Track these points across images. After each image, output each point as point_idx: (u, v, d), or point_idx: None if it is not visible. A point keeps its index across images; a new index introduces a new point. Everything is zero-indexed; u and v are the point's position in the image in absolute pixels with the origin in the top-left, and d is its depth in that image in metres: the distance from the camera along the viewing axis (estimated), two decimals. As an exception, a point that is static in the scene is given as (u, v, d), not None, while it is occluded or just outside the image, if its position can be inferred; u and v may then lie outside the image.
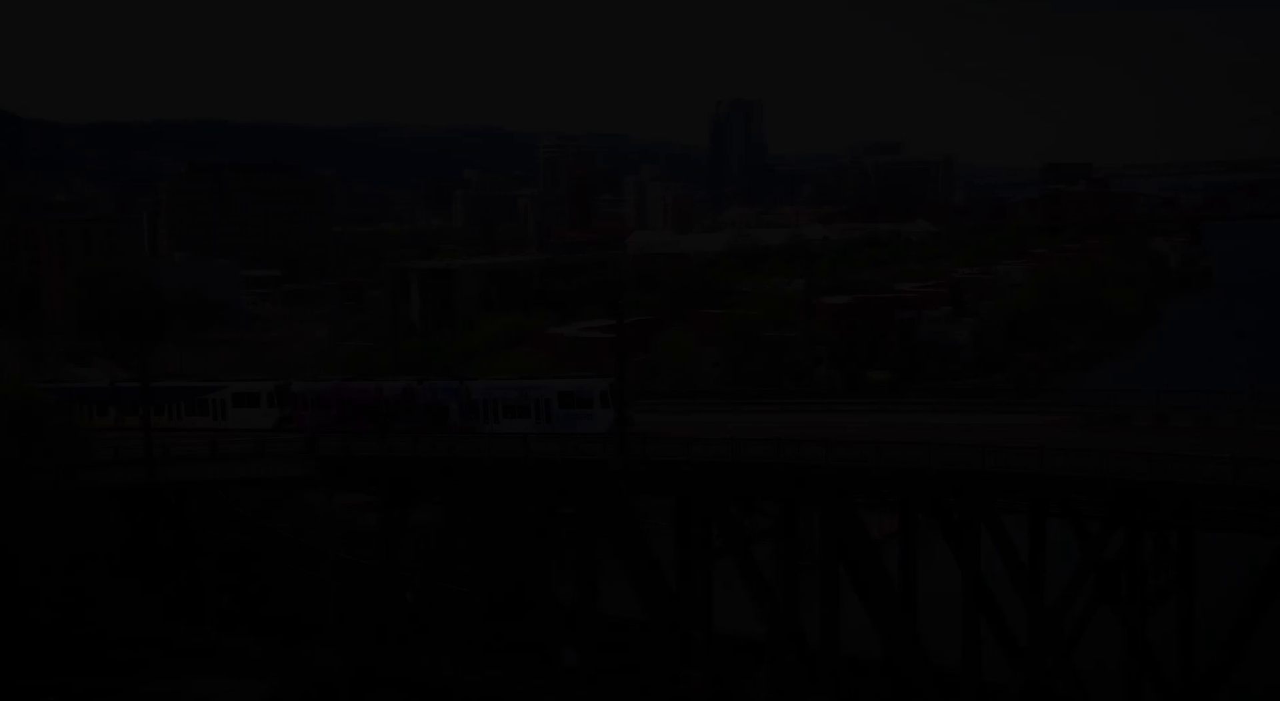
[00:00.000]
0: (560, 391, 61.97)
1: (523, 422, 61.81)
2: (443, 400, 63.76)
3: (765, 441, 52.98)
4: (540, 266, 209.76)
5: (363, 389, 67.13)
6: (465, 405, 63.25)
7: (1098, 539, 50.50)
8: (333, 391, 67.40)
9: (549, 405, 61.38)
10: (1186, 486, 44.65)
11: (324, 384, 69.11)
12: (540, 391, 62.02)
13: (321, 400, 67.16)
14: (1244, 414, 54.10)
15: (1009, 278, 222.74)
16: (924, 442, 49.21)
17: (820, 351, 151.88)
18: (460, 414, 63.19)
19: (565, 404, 61.37)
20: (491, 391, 63.46)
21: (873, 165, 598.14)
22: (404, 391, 65.32)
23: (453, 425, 63.26)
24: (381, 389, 66.46)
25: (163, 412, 69.39)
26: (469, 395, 63.31)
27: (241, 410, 68.60)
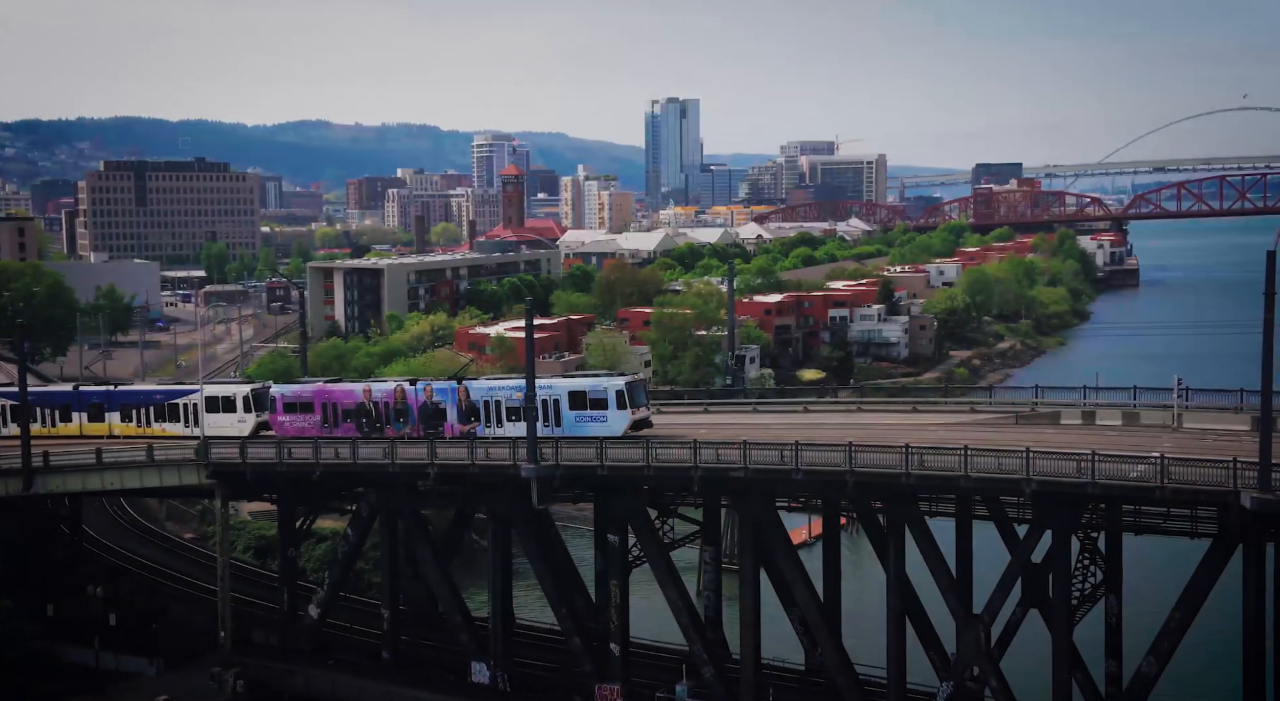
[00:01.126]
0: (571, 391, 56.14)
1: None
2: (438, 401, 58.94)
3: (682, 443, 50.52)
4: (469, 266, 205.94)
5: (348, 391, 62.10)
6: (463, 407, 58.33)
7: (1025, 542, 48.76)
8: (316, 394, 62.19)
9: (558, 407, 55.79)
10: (1114, 487, 42.97)
11: (306, 386, 64.05)
12: (549, 391, 56.24)
13: (303, 403, 61.99)
14: (1172, 412, 52.71)
15: (941, 276, 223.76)
16: (845, 444, 47.06)
17: (751, 350, 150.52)
18: (458, 416, 58.33)
19: (576, 405, 55.67)
20: (493, 392, 58.33)
21: (808, 165, 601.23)
22: (395, 393, 60.18)
23: (450, 428, 58.20)
24: (370, 390, 61.52)
25: (130, 418, 65.10)
26: (467, 396, 58.46)
27: (215, 415, 63.13)
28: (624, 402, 55.08)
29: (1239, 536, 42.76)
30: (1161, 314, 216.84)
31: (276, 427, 62.58)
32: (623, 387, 55.58)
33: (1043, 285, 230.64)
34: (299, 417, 61.89)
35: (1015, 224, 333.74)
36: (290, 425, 61.99)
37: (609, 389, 55.61)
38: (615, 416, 54.95)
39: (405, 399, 59.94)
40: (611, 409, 55.09)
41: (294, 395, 62.87)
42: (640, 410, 56.01)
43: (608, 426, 54.66)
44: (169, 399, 65.33)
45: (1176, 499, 42.96)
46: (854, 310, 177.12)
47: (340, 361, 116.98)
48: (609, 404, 55.22)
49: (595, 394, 55.69)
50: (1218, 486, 40.68)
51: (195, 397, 64.35)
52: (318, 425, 61.24)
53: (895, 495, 48.16)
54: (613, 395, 55.30)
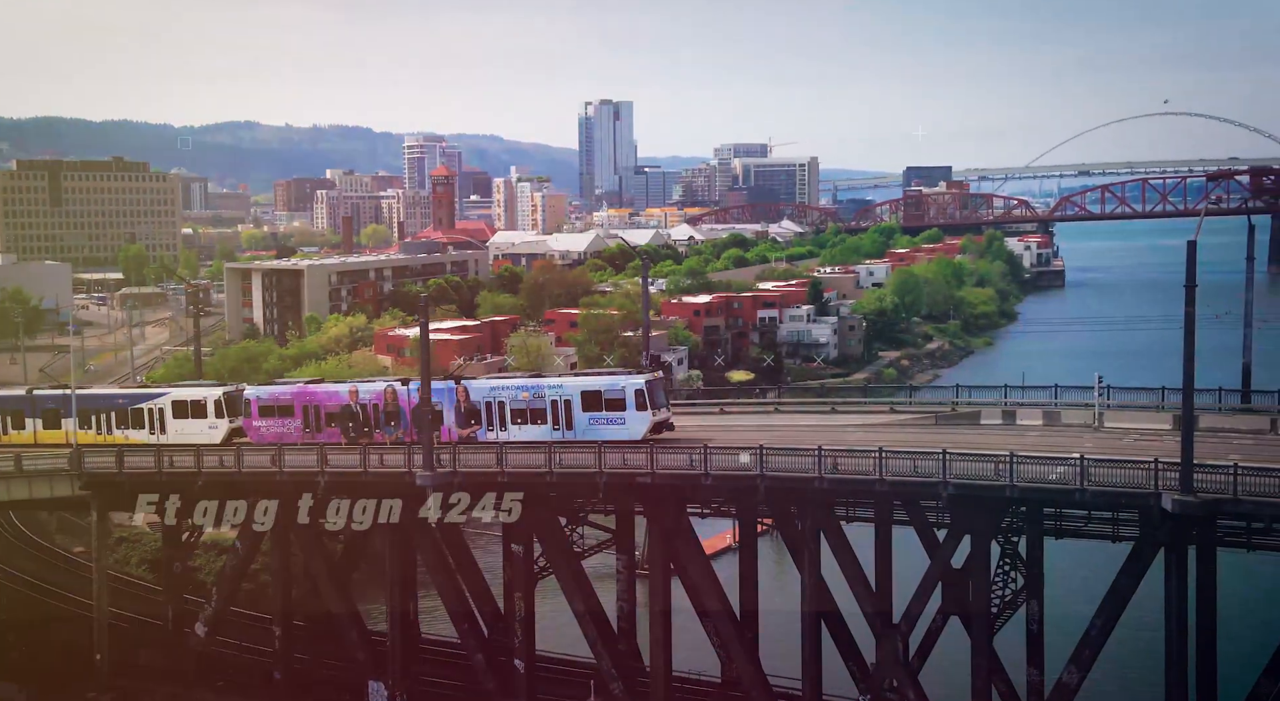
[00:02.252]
0: (584, 391, 52.00)
1: (536, 429, 52.50)
2: (434, 402, 53.83)
3: (588, 447, 47.90)
4: (393, 267, 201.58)
5: (332, 392, 57.81)
6: (462, 409, 54.11)
7: (943, 547, 46.83)
8: (296, 396, 57.96)
9: (569, 408, 51.89)
10: (1033, 490, 41.16)
11: (284, 387, 59.82)
12: (559, 391, 52.40)
13: (281, 407, 57.71)
14: (1093, 411, 51.18)
15: (871, 277, 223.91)
16: (756, 447, 44.77)
17: (680, 351, 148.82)
18: (457, 419, 54.08)
19: (591, 406, 51.71)
20: (496, 392, 53.93)
21: (741, 167, 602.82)
22: (384, 394, 55.90)
23: (446, 432, 53.86)
24: (358, 391, 57.13)
25: (89, 425, 60.41)
26: (467, 397, 54.23)
27: (183, 421, 59.27)
28: (643, 403, 51.00)
29: (1161, 540, 41.16)
30: (1087, 313, 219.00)
31: (252, 433, 58.07)
32: (642, 386, 51.33)
33: (971, 286, 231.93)
34: (277, 422, 57.34)
35: (944, 226, 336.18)
36: (267, 431, 57.43)
37: (627, 388, 51.44)
38: (634, 418, 50.85)
39: (396, 400, 55.43)
40: (630, 410, 51.00)
41: (271, 398, 58.28)
42: (661, 411, 52.02)
43: (626, 429, 50.72)
44: (133, 403, 60.77)
45: (1097, 501, 41.25)
46: (783, 311, 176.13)
47: (251, 365, 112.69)
48: (627, 404, 51.13)
49: (611, 393, 51.51)
50: (1138, 488, 39.04)
51: (162, 402, 59.92)
52: (298, 430, 56.63)
53: (809, 500, 45.93)
54: (631, 395, 51.10)
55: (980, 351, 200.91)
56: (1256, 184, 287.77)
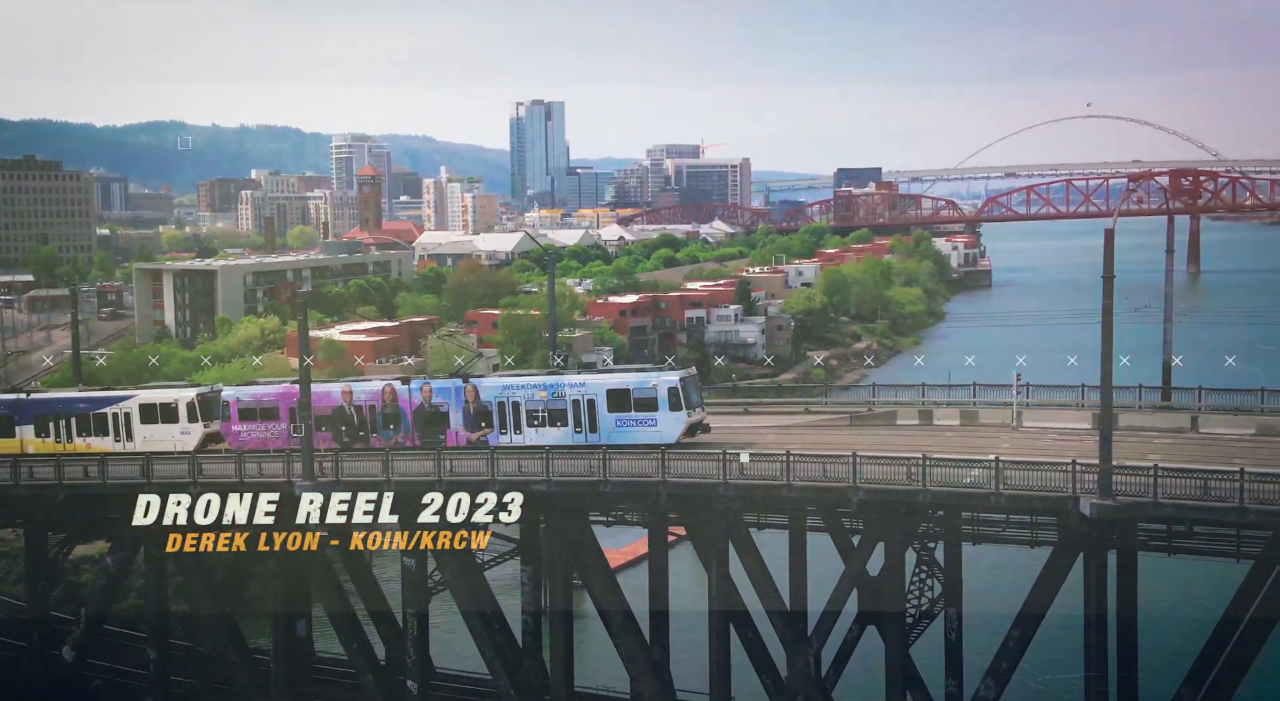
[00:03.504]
0: (610, 389, 47.67)
1: (556, 432, 48.13)
2: (438, 403, 50.26)
3: (478, 453, 44.81)
4: (312, 267, 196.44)
5: (323, 393, 52.40)
6: (471, 409, 49.64)
7: (857, 555, 44.51)
8: (281, 397, 52.95)
9: (593, 408, 47.68)
10: (946, 495, 38.94)
11: (268, 388, 54.57)
12: (581, 389, 48.04)
13: (265, 409, 52.86)
14: (1011, 410, 49.24)
15: (800, 277, 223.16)
16: (658, 450, 42.07)
17: (605, 352, 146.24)
18: (464, 421, 49.77)
19: (618, 406, 47.34)
20: (510, 391, 49.34)
21: (673, 168, 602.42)
22: (382, 394, 51.27)
23: (453, 436, 49.64)
24: (351, 392, 52.35)
25: (46, 432, 55.26)
26: (477, 396, 49.70)
27: (152, 427, 54.27)
28: (678, 402, 46.77)
29: (1079, 545, 39.18)
30: (1012, 314, 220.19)
31: (231, 439, 53.14)
32: (676, 384, 47.15)
33: (899, 285, 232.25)
34: (260, 426, 52.58)
35: (874, 226, 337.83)
36: (249, 436, 52.69)
37: (659, 385, 47.26)
38: (667, 419, 46.73)
39: (396, 401, 51.04)
40: (662, 410, 46.85)
41: (253, 399, 53.31)
42: (696, 412, 47.84)
43: (658, 432, 46.60)
44: (95, 408, 55.69)
45: (1012, 506, 39.16)
46: (711, 311, 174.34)
47: (150, 368, 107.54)
48: (659, 403, 46.93)
49: (641, 392, 47.33)
50: (1055, 492, 36.98)
51: (128, 405, 54.97)
52: (284, 435, 51.76)
53: (714, 507, 43.31)
54: (664, 393, 46.95)
55: (908, 350, 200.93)
56: (1175, 185, 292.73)
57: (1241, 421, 45.42)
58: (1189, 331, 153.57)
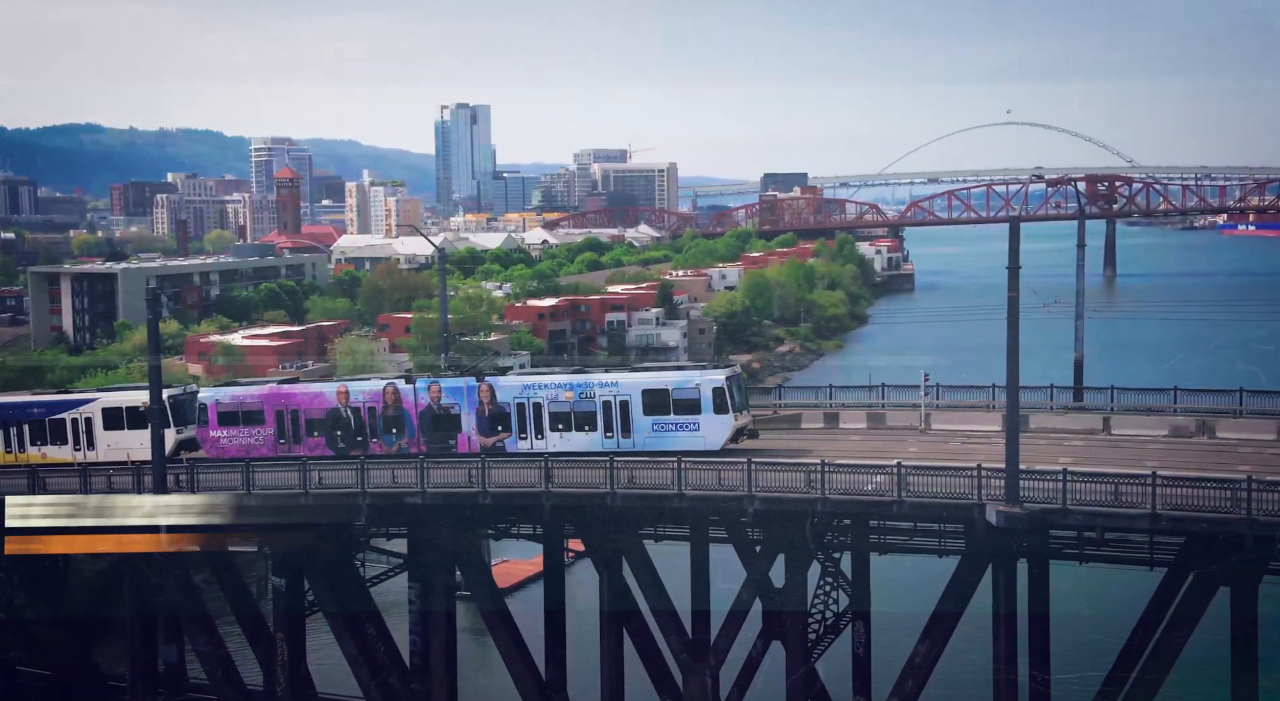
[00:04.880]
0: (646, 389, 42.84)
1: (583, 437, 43.20)
2: (448, 404, 45.36)
3: (349, 462, 41.32)
4: (220, 271, 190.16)
5: (315, 394, 47.77)
6: (486, 411, 44.89)
7: (757, 568, 41.80)
8: (267, 399, 48.00)
9: (626, 410, 42.86)
10: (847, 503, 36.41)
11: (252, 389, 49.51)
12: (613, 389, 43.07)
13: (248, 412, 47.79)
14: (919, 412, 46.95)
15: (723, 280, 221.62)
16: (541, 458, 39.00)
17: (522, 356, 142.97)
18: (478, 424, 44.95)
19: (655, 408, 42.60)
20: (530, 391, 44.44)
21: (600, 173, 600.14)
22: (384, 395, 46.21)
23: (466, 440, 44.79)
24: (347, 392, 46.99)
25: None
26: (493, 397, 44.97)
27: (118, 433, 49.13)
28: (724, 404, 42.09)
29: (987, 554, 36.87)
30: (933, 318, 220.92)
31: (209, 446, 48.09)
32: (722, 384, 42.47)
33: (822, 289, 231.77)
34: (242, 431, 47.57)
35: (799, 230, 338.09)
36: (230, 442, 47.67)
37: (702, 385, 42.44)
38: (711, 423, 41.93)
39: (399, 402, 46.15)
40: (706, 413, 42.00)
41: (235, 402, 48.31)
42: (743, 415, 43.48)
43: (700, 437, 41.93)
44: (52, 413, 50.44)
45: (916, 514, 36.73)
46: (632, 314, 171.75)
47: (34, 375, 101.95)
48: (702, 405, 42.12)
49: (682, 392, 42.47)
50: (960, 499, 34.58)
51: (90, 409, 49.83)
52: (270, 440, 47.03)
53: (603, 518, 40.32)
54: (707, 393, 42.11)
55: (831, 353, 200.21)
56: (1092, 190, 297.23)
57: (1154, 422, 43.67)
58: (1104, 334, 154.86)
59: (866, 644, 44.63)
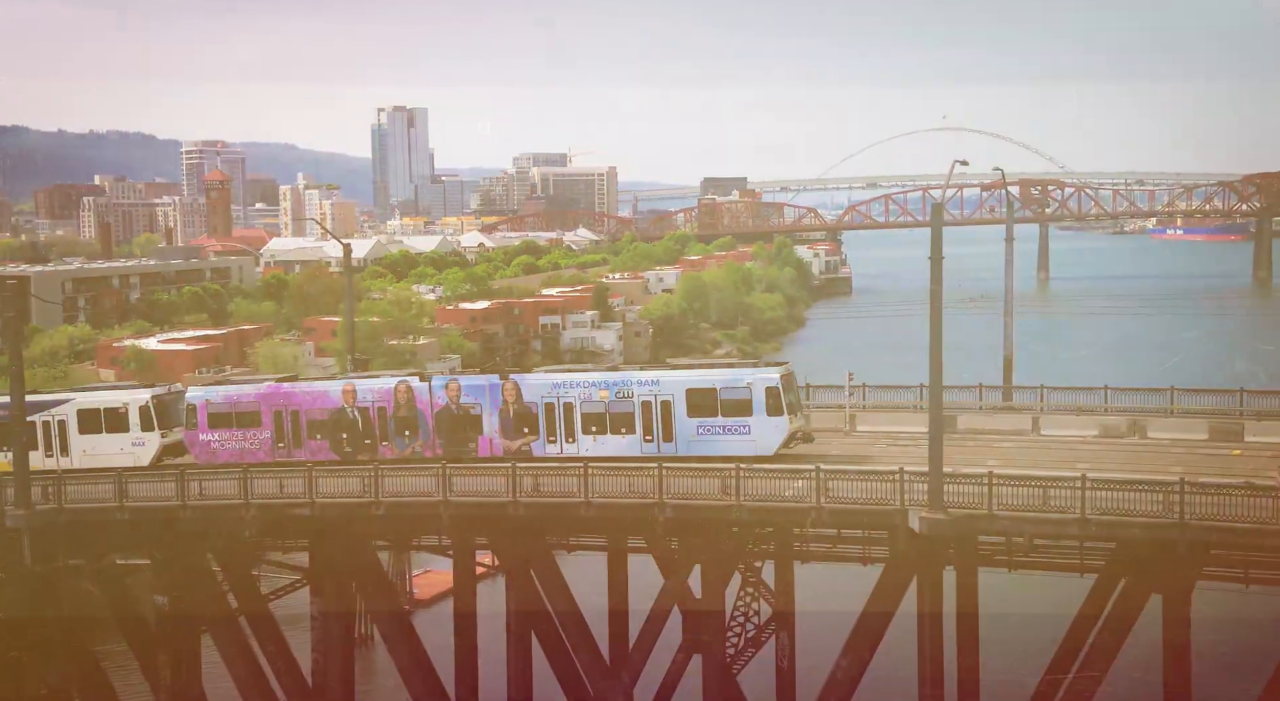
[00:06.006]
0: (691, 388, 39.22)
1: (620, 440, 39.65)
2: (468, 404, 41.72)
3: (227, 471, 38.39)
4: (141, 273, 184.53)
5: (318, 393, 43.60)
6: (511, 412, 41.24)
7: (675, 578, 39.52)
8: (263, 399, 43.90)
9: (668, 411, 39.33)
10: (764, 510, 34.26)
11: (247, 387, 45.41)
12: (653, 388, 39.41)
13: (242, 414, 43.88)
14: (845, 413, 44.97)
15: (660, 283, 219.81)
16: (439, 466, 36.39)
17: (452, 360, 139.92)
18: (502, 426, 41.27)
19: (701, 409, 39.01)
20: (561, 389, 40.75)
21: (540, 177, 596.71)
22: (395, 394, 42.26)
23: (487, 443, 41.16)
24: (354, 391, 43.07)
25: None
26: (518, 396, 41.36)
27: (94, 437, 44.68)
28: (777, 405, 38.39)
29: (912, 562, 34.91)
30: (870, 320, 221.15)
31: (199, 451, 44.10)
32: (776, 382, 38.80)
33: (760, 292, 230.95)
34: (236, 434, 43.59)
35: (738, 234, 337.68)
36: (222, 446, 43.63)
37: (754, 384, 38.72)
38: (764, 426, 38.38)
39: (412, 401, 42.40)
40: (758, 414, 38.38)
41: (227, 402, 44.26)
42: (798, 417, 40.24)
43: (751, 441, 38.32)
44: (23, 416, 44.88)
45: (835, 521, 34.67)
46: (566, 317, 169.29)
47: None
48: (754, 407, 38.47)
49: (731, 391, 38.83)
50: (882, 504, 32.55)
51: (63, 411, 45.32)
52: (267, 444, 43.18)
53: (507, 529, 37.79)
54: (759, 393, 38.44)
55: (768, 356, 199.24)
56: (1025, 194, 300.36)
57: (1085, 422, 42.15)
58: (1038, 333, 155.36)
59: (790, 656, 42.62)
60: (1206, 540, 30.75)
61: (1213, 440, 39.95)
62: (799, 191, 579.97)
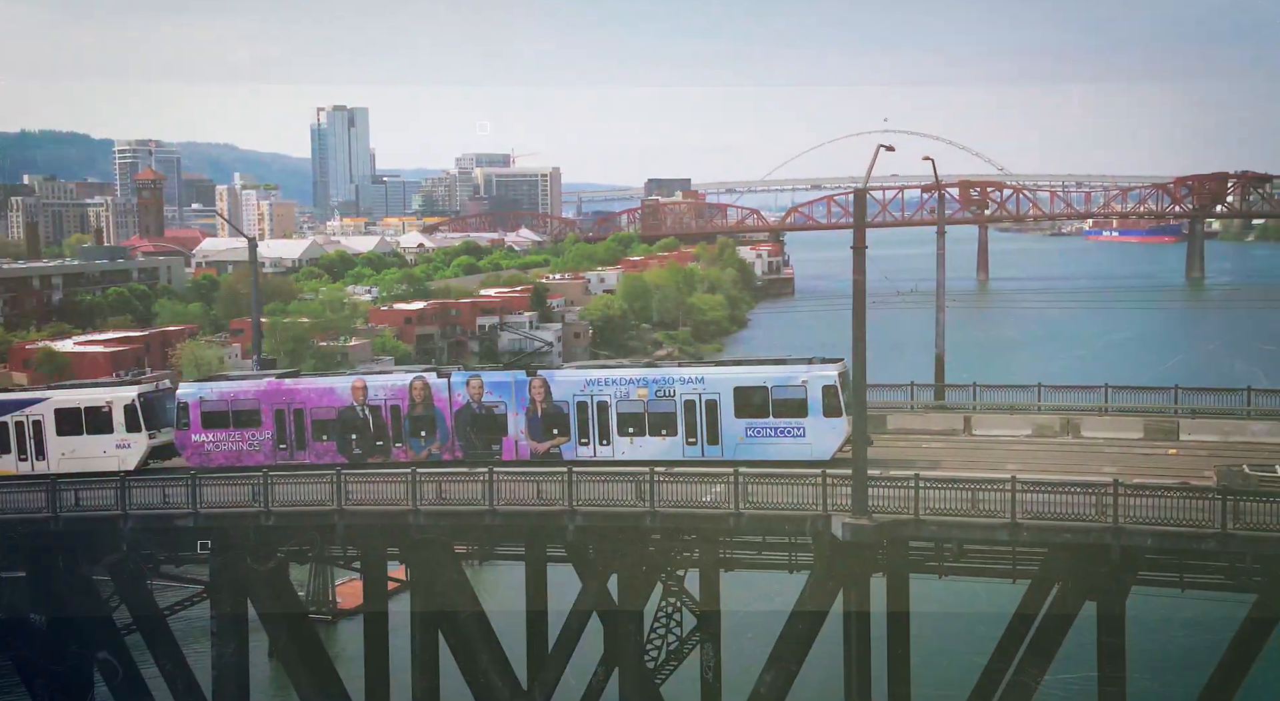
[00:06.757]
0: (740, 386, 36.29)
1: (659, 443, 36.93)
2: (492, 403, 38.68)
3: (108, 479, 35.66)
4: (64, 274, 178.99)
5: (324, 389, 40.43)
6: (539, 411, 38.33)
7: (589, 589, 37.42)
8: (263, 396, 40.56)
9: (714, 411, 36.48)
10: (681, 517, 32.27)
11: (244, 383, 41.78)
12: (697, 386, 36.54)
13: (240, 412, 40.60)
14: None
15: (602, 283, 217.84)
16: (334, 471, 33.94)
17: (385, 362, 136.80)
18: (529, 426, 38.45)
19: (750, 409, 36.09)
20: (595, 387, 37.73)
21: (482, 177, 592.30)
22: (410, 391, 39.21)
23: (512, 445, 38.36)
24: (365, 387, 39.93)
25: None
26: (547, 394, 38.21)
27: (74, 438, 41.10)
28: (835, 405, 35.53)
29: (838, 570, 33.09)
30: (813, 321, 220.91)
31: (191, 453, 41.00)
32: (834, 380, 35.88)
33: (702, 292, 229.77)
34: (232, 435, 40.41)
35: (681, 235, 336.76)
36: (217, 448, 40.54)
37: (810, 382, 35.79)
38: (820, 428, 35.62)
39: (430, 399, 39.30)
40: (814, 415, 35.58)
41: (223, 399, 40.83)
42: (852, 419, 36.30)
43: (806, 445, 35.59)
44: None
45: (754, 528, 32.78)
46: (505, 317, 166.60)
47: None
48: (809, 406, 35.71)
49: (784, 390, 35.88)
50: (803, 510, 30.68)
51: (39, 411, 41.37)
52: (268, 445, 40.05)
53: (410, 541, 35.43)
54: (816, 392, 35.59)
55: (710, 356, 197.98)
56: (964, 196, 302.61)
57: (1018, 421, 40.73)
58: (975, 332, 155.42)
59: (716, 667, 40.74)
60: (1141, 545, 29.27)
61: (1148, 439, 38.76)
62: (743, 193, 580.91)
